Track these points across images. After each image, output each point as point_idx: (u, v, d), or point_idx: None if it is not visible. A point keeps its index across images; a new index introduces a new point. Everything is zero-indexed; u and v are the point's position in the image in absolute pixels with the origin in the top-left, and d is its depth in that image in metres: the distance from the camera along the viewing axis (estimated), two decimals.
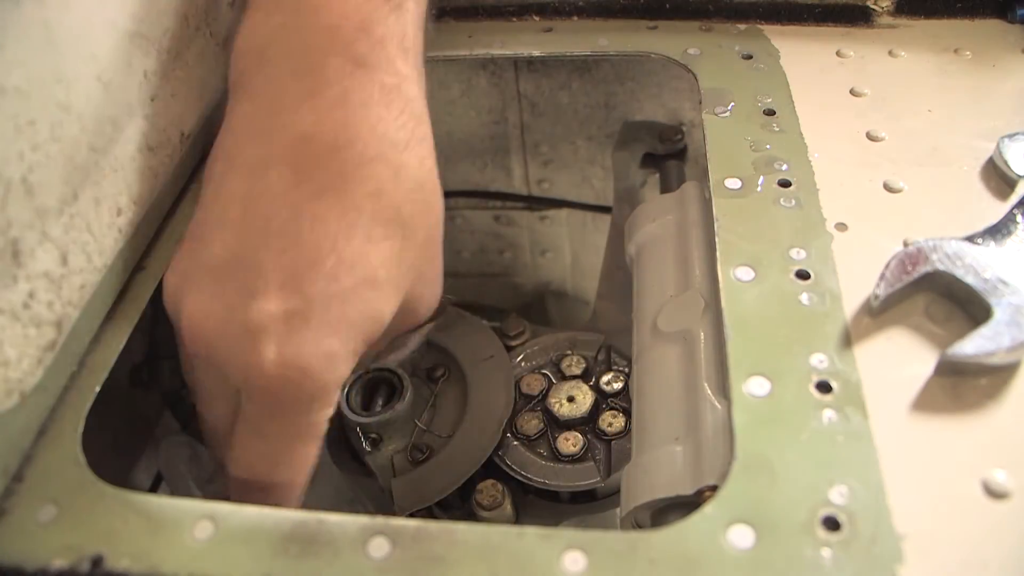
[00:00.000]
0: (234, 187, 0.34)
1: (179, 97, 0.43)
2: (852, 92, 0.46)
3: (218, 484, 0.40)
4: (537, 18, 0.55)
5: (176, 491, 0.44)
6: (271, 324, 0.31)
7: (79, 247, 0.35)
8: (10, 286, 0.31)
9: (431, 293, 0.38)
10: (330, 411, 0.34)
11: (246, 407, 0.34)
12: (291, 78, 0.34)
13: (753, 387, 0.32)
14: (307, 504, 0.36)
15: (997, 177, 0.40)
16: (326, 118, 0.33)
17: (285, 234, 0.32)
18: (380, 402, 0.47)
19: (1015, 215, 0.36)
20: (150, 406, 0.66)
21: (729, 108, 0.45)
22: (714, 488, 0.31)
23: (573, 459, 0.46)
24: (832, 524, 0.27)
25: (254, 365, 0.31)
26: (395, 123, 0.34)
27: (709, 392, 0.35)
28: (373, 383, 0.48)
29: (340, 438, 0.50)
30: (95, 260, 0.36)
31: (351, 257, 0.32)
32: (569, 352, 0.51)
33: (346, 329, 0.32)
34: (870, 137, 0.43)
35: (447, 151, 0.75)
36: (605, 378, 0.49)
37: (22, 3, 0.31)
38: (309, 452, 0.35)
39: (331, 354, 0.32)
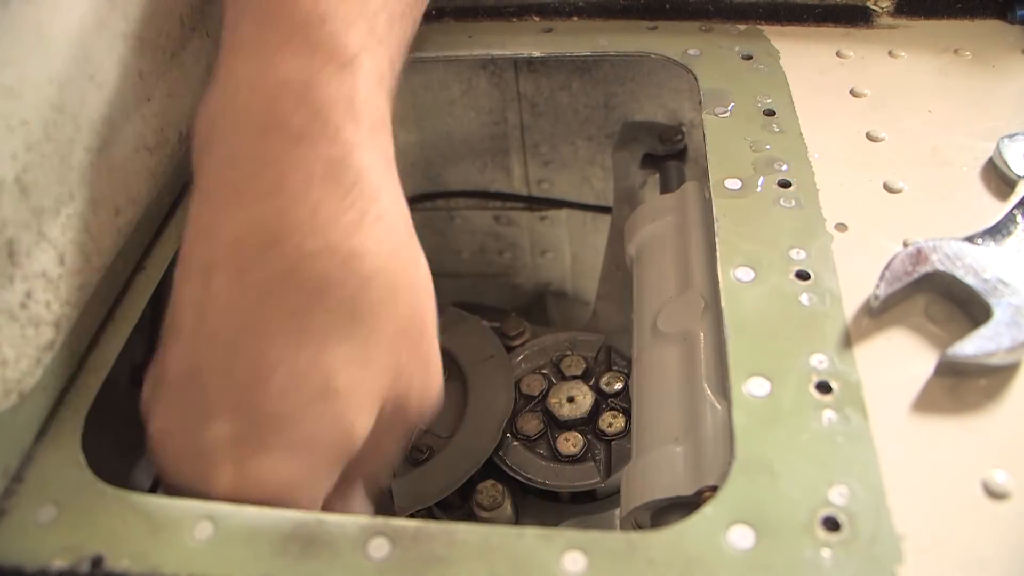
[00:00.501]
0: (185, 295, 0.31)
1: (176, 97, 0.43)
2: (852, 92, 0.46)
3: None
4: (537, 18, 0.55)
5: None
6: (224, 449, 0.29)
7: (77, 247, 0.35)
8: (6, 286, 0.31)
9: (422, 391, 0.33)
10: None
11: None
12: (228, 164, 0.31)
13: (753, 387, 0.32)
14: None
15: (997, 177, 0.40)
16: (262, 210, 0.30)
17: (232, 348, 0.29)
18: None
19: (1015, 215, 0.36)
20: None
21: (729, 108, 0.45)
22: (714, 489, 0.30)
23: (573, 459, 0.46)
24: (832, 524, 0.27)
25: (212, 493, 0.29)
26: (341, 204, 0.30)
27: (709, 392, 0.35)
28: None
29: None
30: (94, 260, 0.36)
31: (303, 368, 0.29)
32: (569, 352, 0.51)
33: (307, 451, 0.29)
34: (870, 137, 0.43)
35: (447, 151, 0.75)
36: (605, 378, 0.49)
37: (11, 3, 0.31)
38: None
39: (292, 482, 0.29)
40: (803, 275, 0.36)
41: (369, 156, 0.31)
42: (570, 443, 0.46)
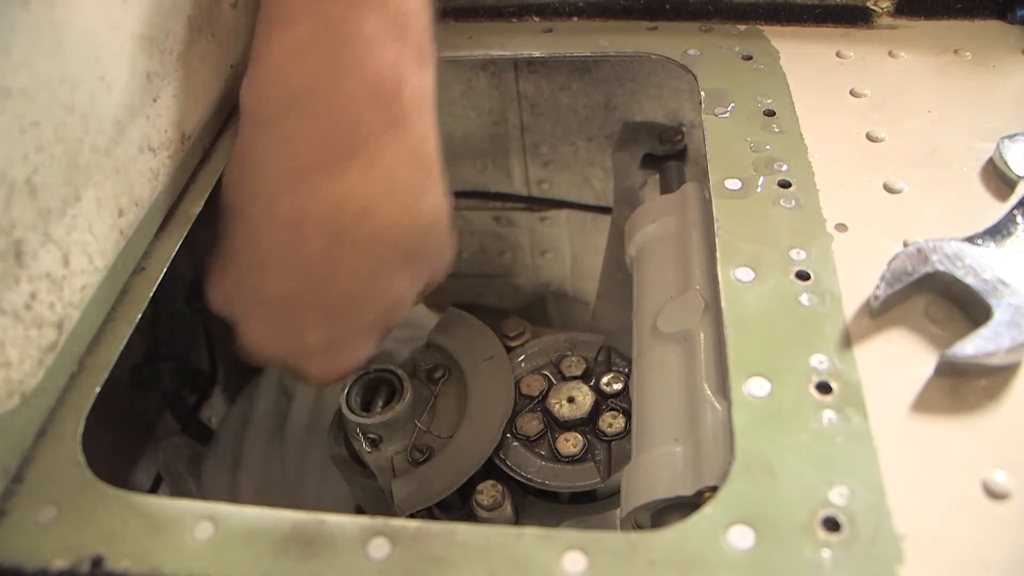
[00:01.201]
0: (276, 236, 0.38)
1: (181, 98, 0.43)
2: (852, 93, 0.46)
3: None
4: (537, 19, 0.55)
5: (177, 491, 0.44)
6: (316, 351, 0.41)
7: (81, 248, 0.35)
8: (12, 287, 0.31)
9: (442, 271, 0.45)
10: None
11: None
12: (325, 135, 0.37)
13: (753, 388, 0.32)
14: (306, 505, 0.36)
15: (997, 178, 0.40)
16: (358, 183, 0.37)
17: (326, 282, 0.39)
18: (380, 403, 0.47)
19: (1015, 216, 0.36)
20: (150, 406, 0.66)
21: (729, 109, 0.45)
22: (714, 489, 0.30)
23: (573, 460, 0.46)
24: (832, 525, 0.27)
25: (302, 376, 0.43)
26: (413, 180, 0.39)
27: (709, 393, 0.35)
28: (373, 384, 0.48)
29: (340, 439, 0.50)
30: (96, 261, 0.36)
31: (378, 294, 0.40)
32: (569, 353, 0.51)
33: (375, 336, 0.43)
34: (870, 138, 0.43)
35: (447, 152, 0.75)
36: (605, 379, 0.49)
37: (31, 5, 0.31)
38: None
39: (362, 356, 0.43)
40: (803, 275, 0.36)
41: (432, 142, 0.40)
42: (570, 443, 0.46)
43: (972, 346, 0.31)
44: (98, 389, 0.35)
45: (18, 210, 0.31)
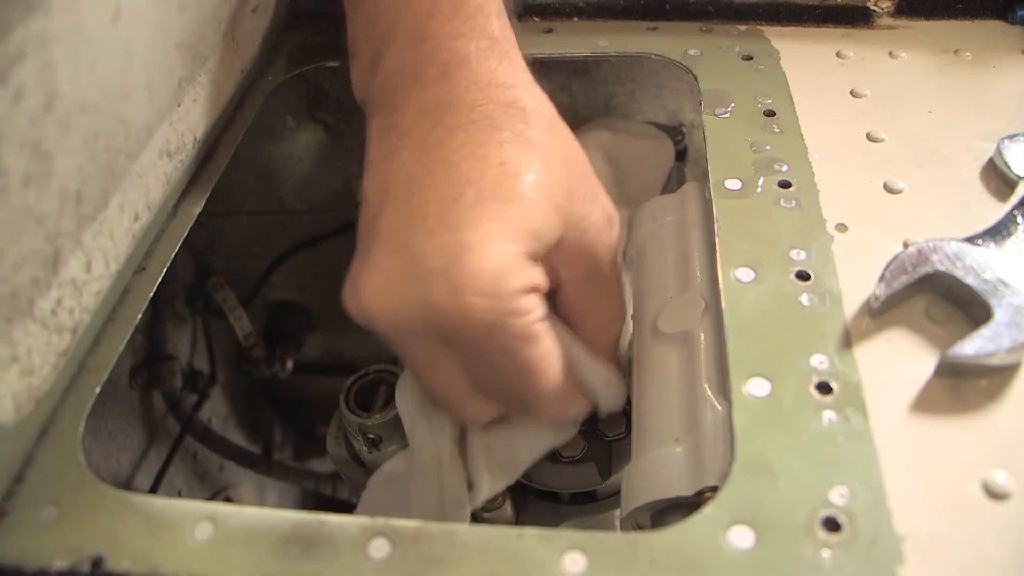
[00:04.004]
0: (370, 183, 0.36)
1: (200, 102, 0.43)
2: (852, 93, 0.46)
3: None
4: (537, 19, 0.55)
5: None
6: (435, 267, 0.32)
7: (101, 253, 0.35)
8: (44, 294, 0.31)
9: (594, 209, 0.38)
10: (534, 314, 0.34)
11: (461, 352, 0.35)
12: (396, 76, 0.38)
13: (753, 388, 0.32)
14: (305, 506, 0.36)
15: (997, 178, 0.40)
16: (435, 91, 0.36)
17: (424, 189, 0.34)
18: (380, 403, 0.47)
19: (1015, 216, 0.36)
20: (150, 406, 0.66)
21: (729, 109, 0.45)
22: (714, 489, 0.30)
23: (573, 460, 0.46)
24: (832, 525, 0.27)
25: (438, 313, 0.32)
26: (496, 70, 0.37)
27: (709, 393, 0.35)
28: (373, 383, 0.48)
29: (340, 439, 0.50)
30: (111, 266, 0.36)
31: (490, 185, 0.33)
32: None
33: (503, 238, 0.33)
34: (870, 138, 0.43)
35: None
36: None
37: (120, 24, 0.31)
38: (541, 351, 0.35)
39: (496, 268, 0.32)
40: (803, 275, 0.36)
41: (511, 43, 0.39)
42: (570, 443, 0.46)
43: (972, 346, 0.31)
44: (98, 389, 0.35)
45: (66, 220, 0.31)
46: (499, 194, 0.33)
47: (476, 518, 0.45)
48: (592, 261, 0.38)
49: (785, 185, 0.40)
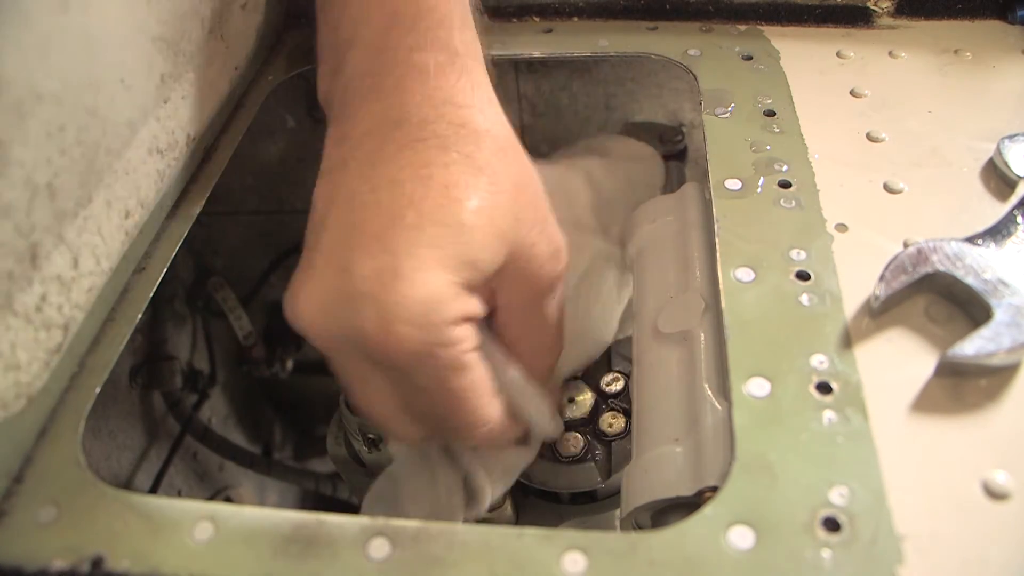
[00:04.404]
0: (319, 191, 0.36)
1: (189, 100, 0.43)
2: (852, 93, 0.46)
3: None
4: (537, 19, 0.55)
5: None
6: (366, 291, 0.31)
7: (90, 250, 0.35)
8: (25, 289, 0.31)
9: (541, 237, 0.36)
10: (464, 344, 0.33)
11: (391, 375, 0.34)
12: (355, 83, 0.37)
13: (753, 388, 0.32)
14: (305, 506, 0.36)
15: (997, 178, 0.40)
16: (388, 104, 0.35)
17: (367, 205, 0.33)
18: None
19: (1015, 216, 0.36)
20: (150, 406, 0.66)
21: (729, 109, 0.45)
22: (714, 489, 0.30)
23: (573, 460, 0.46)
24: (832, 525, 0.27)
25: (366, 337, 0.32)
26: (454, 88, 0.36)
27: (709, 393, 0.35)
28: None
29: (340, 439, 0.50)
30: (103, 263, 0.36)
31: (431, 208, 0.33)
32: None
33: (438, 266, 0.32)
34: (870, 138, 0.43)
35: None
36: (605, 379, 0.49)
37: (70, 9, 0.31)
38: (469, 380, 0.34)
39: (427, 297, 0.32)
40: (803, 275, 0.36)
41: (474, 58, 0.38)
42: (570, 443, 0.46)
43: (972, 346, 0.31)
44: (98, 389, 0.35)
45: (38, 213, 0.31)
46: (439, 219, 0.32)
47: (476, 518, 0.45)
48: (531, 291, 0.37)
49: (785, 185, 0.40)
